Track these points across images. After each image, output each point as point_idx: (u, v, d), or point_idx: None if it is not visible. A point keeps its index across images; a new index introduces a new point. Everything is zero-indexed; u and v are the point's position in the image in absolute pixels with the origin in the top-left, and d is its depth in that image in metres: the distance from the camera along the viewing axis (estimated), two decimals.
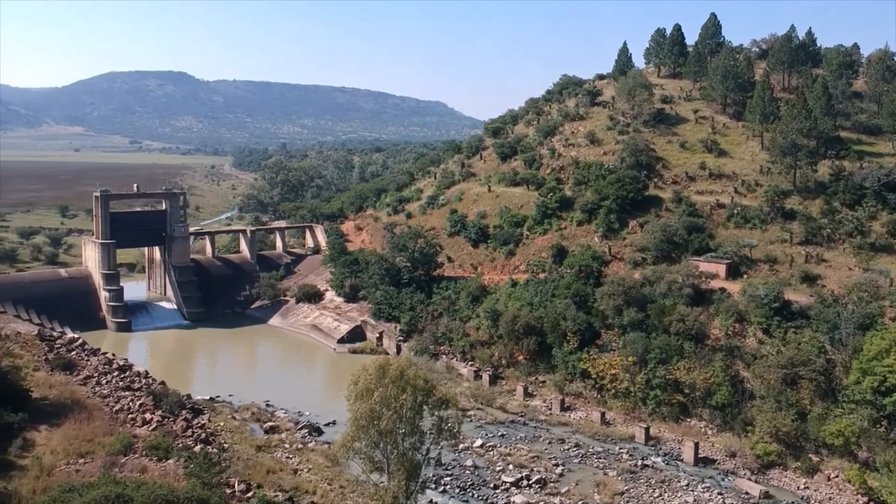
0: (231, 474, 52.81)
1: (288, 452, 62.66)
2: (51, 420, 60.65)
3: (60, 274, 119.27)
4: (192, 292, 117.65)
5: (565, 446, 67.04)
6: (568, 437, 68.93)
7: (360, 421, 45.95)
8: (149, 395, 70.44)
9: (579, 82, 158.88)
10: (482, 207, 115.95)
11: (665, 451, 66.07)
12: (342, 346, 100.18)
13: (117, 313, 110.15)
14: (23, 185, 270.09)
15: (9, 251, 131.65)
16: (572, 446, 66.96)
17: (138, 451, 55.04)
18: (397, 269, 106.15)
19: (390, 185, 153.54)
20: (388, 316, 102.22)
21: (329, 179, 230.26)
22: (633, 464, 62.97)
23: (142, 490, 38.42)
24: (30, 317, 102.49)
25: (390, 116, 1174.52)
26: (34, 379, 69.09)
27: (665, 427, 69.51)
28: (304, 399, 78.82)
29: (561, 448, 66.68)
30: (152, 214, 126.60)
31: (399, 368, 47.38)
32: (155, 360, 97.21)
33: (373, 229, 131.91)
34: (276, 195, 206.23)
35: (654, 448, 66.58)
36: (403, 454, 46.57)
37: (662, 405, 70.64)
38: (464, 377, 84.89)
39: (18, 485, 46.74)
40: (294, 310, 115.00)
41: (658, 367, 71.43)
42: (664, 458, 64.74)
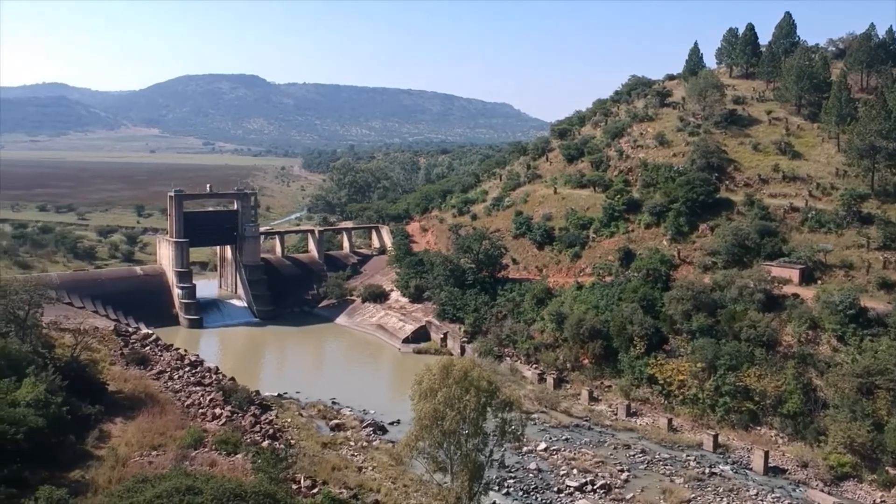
0: (297, 470, 53.66)
1: (353, 450, 63.38)
2: (125, 413, 62.62)
3: (136, 271, 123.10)
4: (261, 291, 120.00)
5: (631, 452, 66.14)
6: (634, 443, 67.99)
7: (423, 421, 46.22)
8: (219, 390, 72.09)
9: (648, 83, 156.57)
10: (548, 209, 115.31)
11: (734, 459, 64.59)
12: (407, 346, 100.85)
13: (190, 310, 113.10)
14: (102, 184, 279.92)
15: (88, 249, 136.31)
16: (638, 452, 66.02)
17: (208, 445, 56.35)
18: (462, 270, 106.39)
19: (456, 187, 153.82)
20: (452, 317, 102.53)
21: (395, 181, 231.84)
22: (700, 471, 61.76)
23: (211, 483, 39.30)
24: (107, 312, 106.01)
25: (457, 118, 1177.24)
26: (110, 373, 71.26)
27: (734, 435, 67.97)
28: (370, 397, 79.67)
29: (626, 454, 65.83)
30: (224, 214, 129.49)
31: (463, 369, 47.48)
32: (225, 356, 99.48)
33: (438, 230, 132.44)
34: (343, 196, 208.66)
35: (723, 456, 65.16)
36: (467, 455, 46.65)
37: (731, 412, 69.10)
38: (528, 380, 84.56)
39: (95, 474, 48.41)
40: (360, 309, 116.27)
41: (728, 374, 69.91)
42: (733, 466, 63.33)
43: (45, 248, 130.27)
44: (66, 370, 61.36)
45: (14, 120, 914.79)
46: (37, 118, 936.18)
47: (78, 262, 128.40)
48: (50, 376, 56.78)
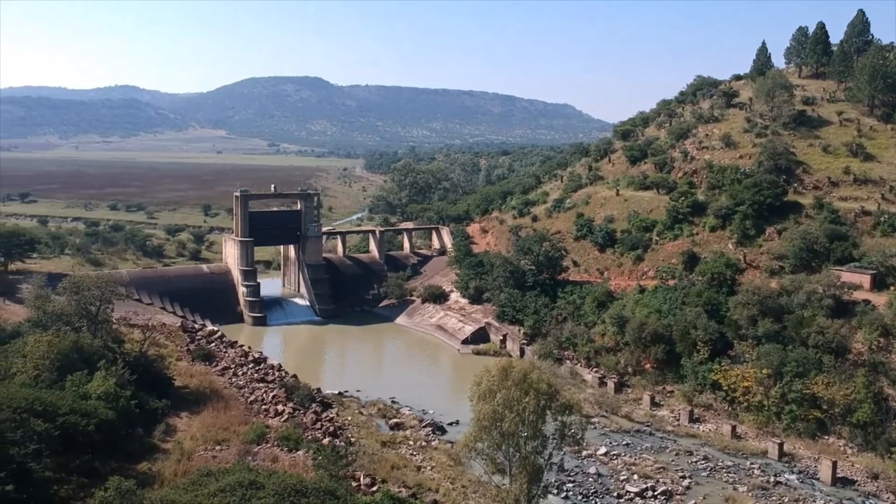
0: (357, 468, 54.23)
1: (412, 449, 63.74)
2: (191, 407, 64.08)
3: (202, 269, 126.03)
4: (323, 290, 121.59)
5: (693, 459, 65.01)
6: (696, 450, 66.79)
7: (482, 422, 46.21)
8: (281, 387, 73.24)
9: (714, 83, 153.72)
10: (610, 211, 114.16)
11: (800, 468, 62.96)
12: (466, 347, 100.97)
13: (254, 308, 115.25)
14: (171, 184, 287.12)
15: (157, 247, 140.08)
16: (700, 459, 64.86)
17: (270, 441, 57.29)
18: (522, 271, 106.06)
19: (516, 188, 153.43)
20: (511, 318, 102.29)
21: (456, 182, 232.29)
22: (764, 480, 60.38)
23: (273, 479, 40.03)
24: (174, 309, 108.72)
25: (517, 119, 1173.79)
26: (177, 368, 73.03)
27: (800, 444, 66.26)
28: (429, 397, 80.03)
29: (688, 460, 64.73)
30: (288, 214, 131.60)
31: (522, 371, 47.32)
32: (288, 353, 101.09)
33: (498, 232, 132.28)
34: (404, 197, 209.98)
35: (788, 465, 63.59)
36: (525, 457, 46.47)
37: (798, 421, 67.37)
38: (588, 383, 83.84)
39: (162, 467, 49.65)
40: (420, 309, 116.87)
41: (794, 381, 68.19)
42: (799, 475, 61.72)
43: (115, 246, 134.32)
44: (135, 365, 63.05)
45: (88, 121, 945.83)
46: (109, 120, 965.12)
47: (147, 260, 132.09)
48: (119, 370, 58.45)
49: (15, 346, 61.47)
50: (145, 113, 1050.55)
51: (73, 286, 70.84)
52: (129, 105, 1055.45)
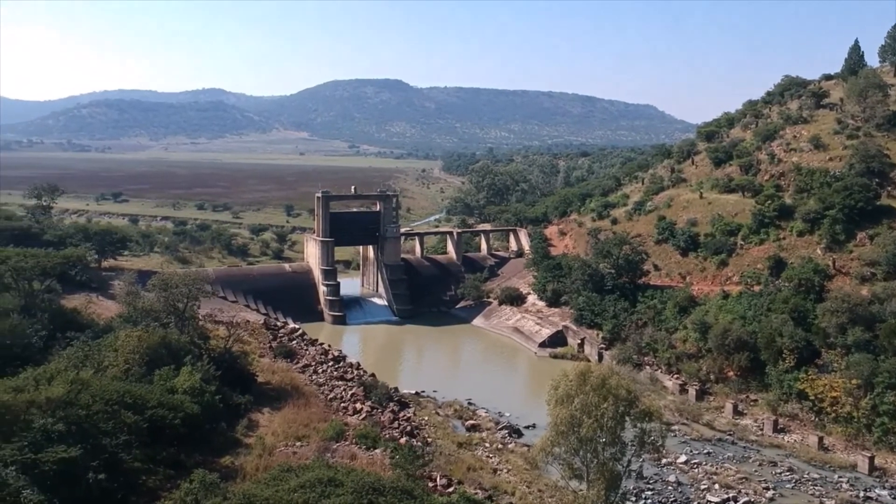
0: (433, 468, 54.45)
1: (488, 451, 63.67)
2: (273, 403, 65.45)
3: (285, 268, 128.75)
4: (401, 290, 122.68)
5: (777, 470, 63.05)
6: (780, 461, 64.75)
7: (559, 426, 45.91)
8: (360, 385, 74.20)
9: (803, 83, 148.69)
10: (692, 214, 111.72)
11: (892, 484, 60.29)
12: (543, 350, 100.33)
13: (334, 307, 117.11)
14: (255, 185, 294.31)
15: (241, 246, 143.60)
16: (785, 470, 62.85)
17: (349, 438, 58.07)
18: (601, 275, 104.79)
19: (595, 190, 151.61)
20: (590, 322, 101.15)
21: (534, 184, 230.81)
22: (853, 494, 58.10)
23: (351, 476, 40.53)
24: (257, 307, 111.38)
25: (597, 120, 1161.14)
26: (259, 364, 74.61)
27: (893, 458, 63.49)
28: (505, 400, 79.81)
29: (772, 471, 62.80)
30: (367, 215, 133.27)
31: (601, 376, 46.83)
32: (366, 352, 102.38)
33: (576, 234, 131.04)
34: (482, 198, 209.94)
35: (880, 480, 60.98)
36: (604, 464, 45.96)
37: (890, 434, 64.57)
38: (668, 390, 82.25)
39: (244, 461, 50.88)
40: (497, 311, 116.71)
41: (887, 393, 65.38)
42: (891, 491, 59.10)
43: (202, 245, 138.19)
44: (220, 361, 64.82)
45: (177, 123, 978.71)
46: (197, 122, 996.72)
47: (232, 259, 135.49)
48: (205, 366, 60.23)
49: (107, 340, 63.83)
50: (231, 115, 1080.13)
51: (161, 283, 73.32)
52: (215, 108, 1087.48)
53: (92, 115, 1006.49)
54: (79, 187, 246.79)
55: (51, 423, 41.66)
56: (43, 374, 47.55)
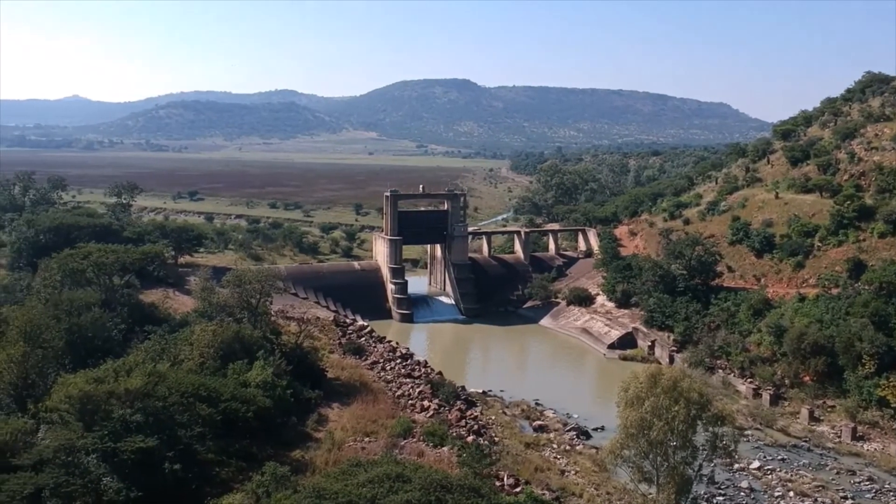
0: (501, 467, 54.32)
1: (556, 452, 63.20)
2: (342, 399, 66.30)
3: (354, 266, 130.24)
4: (468, 289, 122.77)
5: (856, 479, 60.91)
6: (859, 470, 62.53)
7: (629, 429, 45.35)
8: (427, 383, 74.51)
9: (886, 79, 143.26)
10: (768, 215, 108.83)
11: None
12: (612, 352, 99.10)
13: (401, 305, 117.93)
14: (325, 184, 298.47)
15: (312, 244, 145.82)
16: (864, 479, 60.66)
17: (416, 435, 58.39)
18: (672, 276, 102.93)
19: (667, 190, 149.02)
20: (660, 324, 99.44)
21: (603, 183, 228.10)
22: None
23: (419, 473, 40.73)
24: (327, 304, 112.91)
25: (669, 119, 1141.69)
26: (329, 360, 75.63)
27: None
28: (573, 401, 79.09)
29: (851, 480, 60.70)
30: (435, 214, 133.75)
31: (672, 379, 46.10)
32: (433, 350, 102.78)
33: (647, 234, 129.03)
34: (550, 198, 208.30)
35: None
36: (674, 467, 45.21)
37: None
38: (741, 394, 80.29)
39: (314, 455, 51.66)
40: (564, 312, 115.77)
41: None
42: None
43: (274, 243, 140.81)
44: (291, 356, 65.95)
45: (250, 124, 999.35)
46: (270, 122, 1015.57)
47: (303, 256, 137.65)
48: (277, 361, 61.39)
49: (183, 334, 65.60)
50: (303, 116, 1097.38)
51: (235, 279, 75.07)
52: (287, 109, 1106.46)
53: (169, 116, 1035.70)
54: (157, 186, 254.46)
55: (129, 413, 43.06)
56: (122, 367, 49.07)
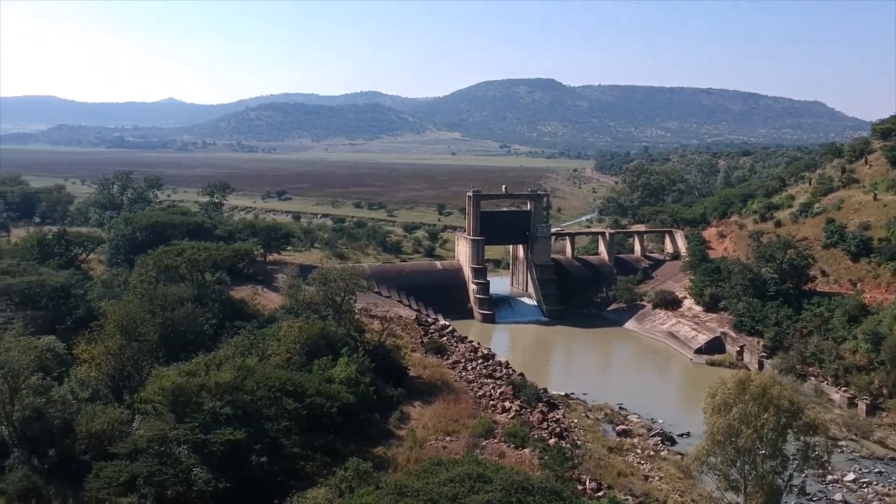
0: (583, 471, 53.72)
1: (639, 457, 62.16)
2: (423, 398, 66.68)
3: (436, 266, 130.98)
4: (551, 290, 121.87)
5: None
6: None
7: (716, 436, 44.41)
8: (508, 384, 74.24)
9: None
10: (865, 217, 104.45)
11: None
12: (699, 357, 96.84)
13: (483, 305, 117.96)
14: (408, 184, 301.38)
15: (395, 243, 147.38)
16: None
17: (497, 436, 58.33)
18: (763, 280, 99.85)
19: (758, 191, 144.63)
20: (750, 329, 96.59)
21: (691, 184, 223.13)
22: None
23: (500, 474, 40.63)
24: (409, 303, 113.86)
25: (760, 118, 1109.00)
26: (411, 359, 76.21)
27: None
28: (658, 406, 77.57)
29: None
30: (518, 214, 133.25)
31: (761, 385, 44.93)
32: (515, 351, 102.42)
33: (737, 237, 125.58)
34: (635, 199, 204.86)
35: None
36: (763, 477, 44.01)
37: None
38: (835, 403, 77.31)
39: (396, 452, 52.19)
40: (650, 315, 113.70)
41: None
42: None
43: (358, 241, 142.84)
44: (374, 353, 66.75)
45: (336, 125, 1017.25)
46: (355, 124, 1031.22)
47: (386, 255, 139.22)
48: (360, 358, 62.22)
49: (271, 330, 67.18)
50: (387, 117, 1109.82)
51: (321, 277, 76.54)
52: (372, 110, 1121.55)
53: (259, 118, 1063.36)
54: (247, 186, 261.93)
55: (219, 406, 44.42)
56: (213, 360, 50.64)
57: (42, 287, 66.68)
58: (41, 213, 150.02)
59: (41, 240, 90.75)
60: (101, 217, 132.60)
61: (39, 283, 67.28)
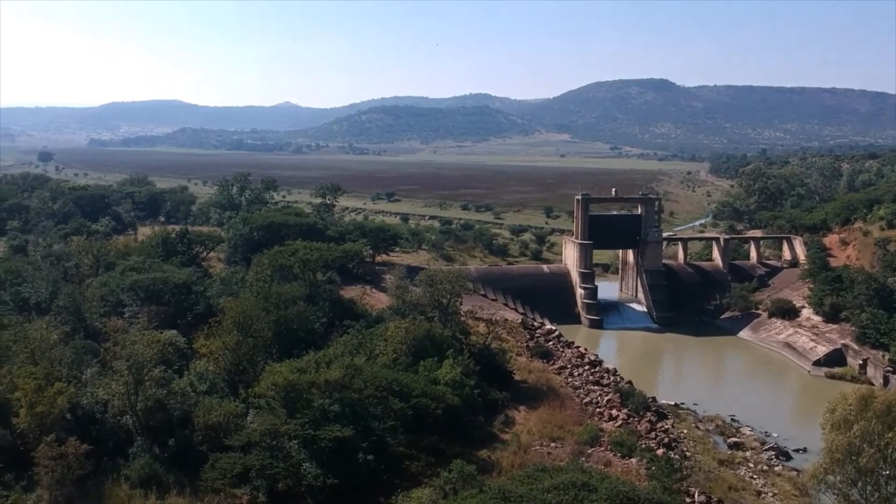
0: (691, 483, 52.23)
1: (752, 472, 59.92)
2: (528, 402, 66.31)
3: (542, 269, 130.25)
4: (661, 296, 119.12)
5: None
6: None
7: (835, 454, 42.41)
8: (616, 392, 72.94)
9: None
10: None
11: None
12: (817, 369, 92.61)
13: (591, 310, 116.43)
14: (516, 187, 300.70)
15: (502, 246, 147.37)
16: None
17: (603, 444, 57.49)
18: (889, 290, 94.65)
19: (886, 196, 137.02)
20: (874, 342, 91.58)
21: (812, 188, 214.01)
22: None
23: (605, 483, 40.04)
24: (515, 306, 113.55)
25: (889, 119, 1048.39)
26: (516, 363, 75.83)
27: None
28: (772, 419, 74.69)
29: None
30: (628, 218, 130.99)
31: (886, 402, 42.66)
32: (622, 358, 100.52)
33: (861, 244, 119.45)
34: (752, 203, 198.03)
35: None
36: (887, 499, 41.72)
37: None
38: None
39: (500, 456, 52.22)
40: (766, 324, 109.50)
41: None
42: None
43: (465, 244, 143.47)
44: (479, 356, 66.97)
45: (445, 128, 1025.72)
46: (463, 126, 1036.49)
47: (492, 258, 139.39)
48: (465, 360, 62.53)
49: (378, 330, 68.34)
50: (495, 119, 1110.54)
51: (428, 279, 77.42)
52: (481, 112, 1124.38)
53: (370, 121, 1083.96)
54: (357, 187, 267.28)
55: (328, 403, 45.56)
56: (323, 358, 51.94)
57: (165, 283, 70.18)
58: (166, 212, 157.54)
59: (165, 238, 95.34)
60: (220, 217, 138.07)
61: (163, 279, 70.85)
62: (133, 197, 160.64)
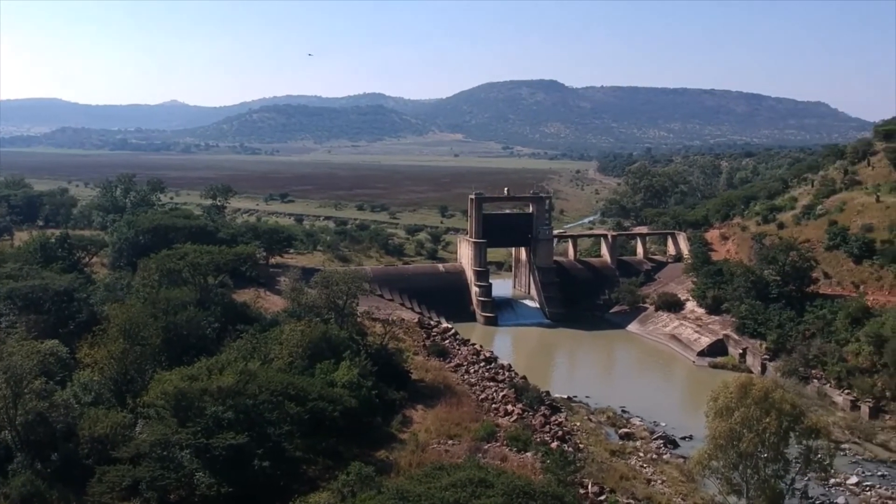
0: (585, 475, 53.64)
1: (642, 461, 62.08)
2: (426, 401, 66.58)
3: (438, 268, 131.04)
4: (553, 293, 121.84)
5: None
6: None
7: (718, 440, 44.54)
8: (511, 387, 74.15)
9: None
10: (868, 220, 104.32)
11: None
12: (701, 360, 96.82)
13: (486, 308, 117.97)
14: (412, 186, 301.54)
15: (398, 246, 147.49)
16: None
17: (500, 440, 58.29)
18: (765, 282, 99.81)
19: (760, 193, 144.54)
20: (752, 332, 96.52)
21: (694, 185, 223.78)
22: None
23: (502, 478, 40.64)
24: (411, 305, 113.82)
25: (763, 119, 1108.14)
26: (414, 362, 75.92)
27: None
28: (661, 409, 77.51)
29: None
30: (520, 217, 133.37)
31: (763, 389, 45.08)
32: (517, 355, 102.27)
33: (739, 239, 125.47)
34: (638, 200, 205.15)
35: None
36: (765, 481, 44.10)
37: None
38: (838, 406, 77.24)
39: (398, 456, 52.22)
40: (653, 317, 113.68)
41: None
42: None
43: (361, 244, 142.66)
44: (376, 357, 66.70)
45: (339, 127, 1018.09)
46: (358, 125, 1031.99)
47: (388, 258, 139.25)
48: (363, 361, 62.17)
49: (273, 333, 67.06)
50: (390, 119, 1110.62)
51: (323, 280, 76.75)
52: (375, 112, 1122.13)
53: (262, 120, 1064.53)
54: (249, 188, 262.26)
55: (221, 410, 44.47)
56: (215, 364, 50.72)
57: (45, 291, 66.76)
58: (44, 216, 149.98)
59: (44, 243, 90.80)
60: (104, 220, 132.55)
61: (42, 286, 67.37)
62: (9, 200, 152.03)
